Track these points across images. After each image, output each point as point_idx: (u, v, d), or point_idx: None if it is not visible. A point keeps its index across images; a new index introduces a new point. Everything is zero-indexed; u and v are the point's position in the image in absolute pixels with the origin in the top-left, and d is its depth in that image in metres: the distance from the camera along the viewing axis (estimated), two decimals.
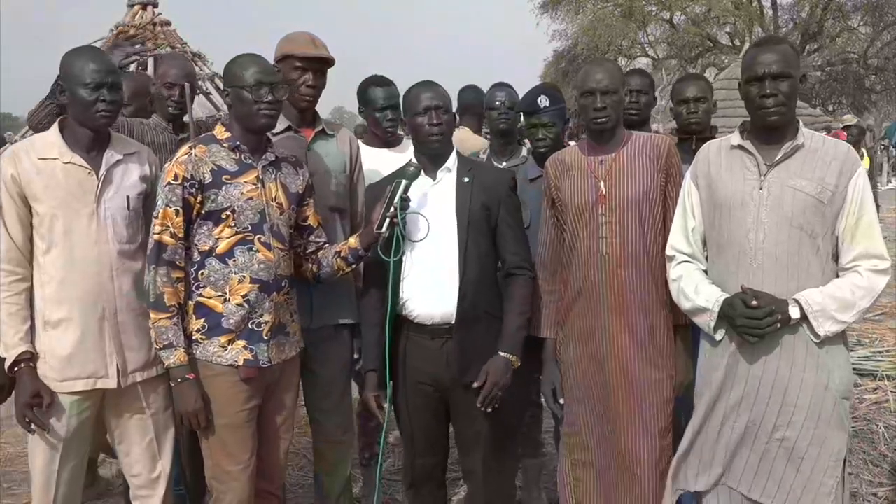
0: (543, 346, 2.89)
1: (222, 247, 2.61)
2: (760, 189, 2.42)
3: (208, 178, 2.59)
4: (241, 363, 2.61)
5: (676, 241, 2.62)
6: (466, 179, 2.76)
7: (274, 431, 2.79)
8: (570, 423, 2.82)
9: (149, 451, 2.75)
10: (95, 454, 2.99)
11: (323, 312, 3.05)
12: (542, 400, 3.08)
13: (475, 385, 2.66)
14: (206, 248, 2.61)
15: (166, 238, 2.57)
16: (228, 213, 2.60)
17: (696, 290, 2.51)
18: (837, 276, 2.42)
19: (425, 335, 2.74)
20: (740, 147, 2.49)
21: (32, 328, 2.62)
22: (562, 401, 2.85)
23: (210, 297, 2.61)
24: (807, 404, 2.39)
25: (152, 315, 2.57)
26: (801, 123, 2.47)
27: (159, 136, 3.36)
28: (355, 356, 3.15)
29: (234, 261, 2.61)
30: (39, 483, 2.66)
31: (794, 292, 2.36)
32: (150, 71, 5.95)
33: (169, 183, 2.57)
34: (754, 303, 2.34)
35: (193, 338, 2.62)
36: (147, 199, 2.76)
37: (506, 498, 3.11)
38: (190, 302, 2.63)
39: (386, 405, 2.76)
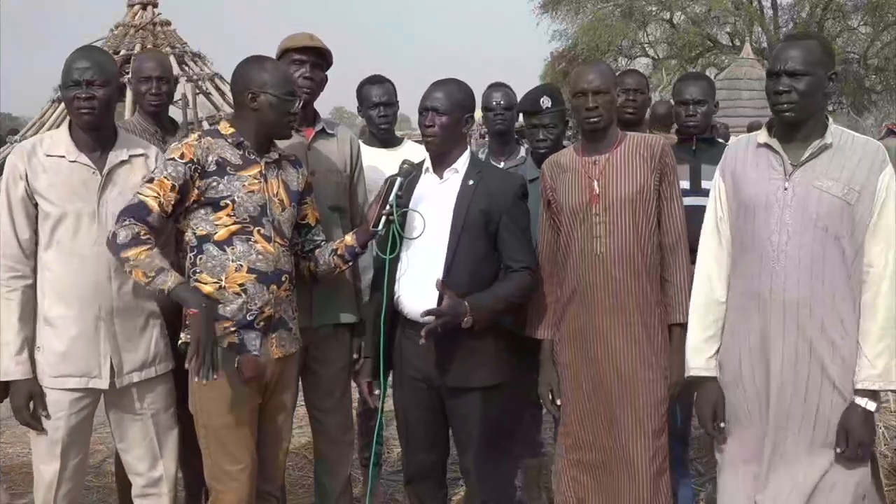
0: (540, 346, 2.89)
1: (221, 234, 2.59)
2: (785, 189, 2.35)
3: (212, 167, 2.59)
4: (224, 345, 2.55)
5: (707, 237, 2.55)
6: (471, 182, 2.76)
7: (274, 431, 2.78)
8: (567, 424, 2.83)
9: (150, 451, 2.76)
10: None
11: (324, 311, 3.06)
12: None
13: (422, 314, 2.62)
14: (204, 232, 2.60)
15: (152, 202, 2.47)
16: (228, 202, 2.60)
17: (696, 330, 2.54)
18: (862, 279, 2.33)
19: (416, 331, 2.73)
20: (766, 145, 2.43)
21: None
22: (559, 401, 2.86)
23: (205, 283, 2.59)
24: (839, 412, 2.31)
25: (130, 252, 2.39)
26: (830, 122, 2.40)
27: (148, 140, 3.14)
28: (355, 356, 3.15)
29: (233, 249, 2.59)
30: (42, 482, 2.67)
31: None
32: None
33: (174, 159, 2.53)
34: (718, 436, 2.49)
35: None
36: None
37: (505, 498, 3.11)
38: None
39: (377, 391, 2.81)
